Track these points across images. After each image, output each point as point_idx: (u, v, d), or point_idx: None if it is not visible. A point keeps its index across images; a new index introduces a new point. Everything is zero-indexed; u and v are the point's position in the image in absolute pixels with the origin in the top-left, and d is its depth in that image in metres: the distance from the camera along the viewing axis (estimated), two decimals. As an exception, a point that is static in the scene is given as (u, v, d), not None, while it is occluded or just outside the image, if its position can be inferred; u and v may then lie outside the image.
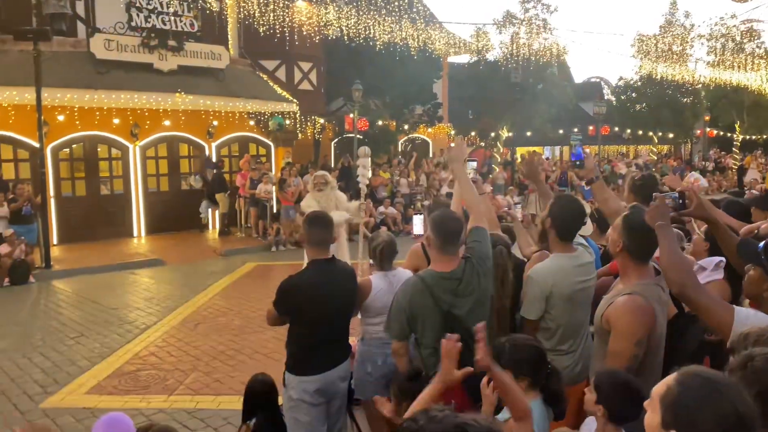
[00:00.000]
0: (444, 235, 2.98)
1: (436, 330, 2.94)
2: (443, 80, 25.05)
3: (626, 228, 2.69)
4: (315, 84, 17.85)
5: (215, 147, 16.20)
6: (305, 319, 3.46)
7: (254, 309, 8.72)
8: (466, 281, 2.97)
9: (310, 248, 3.59)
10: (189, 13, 14.24)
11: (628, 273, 2.74)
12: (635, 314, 2.57)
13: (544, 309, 3.14)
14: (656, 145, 32.81)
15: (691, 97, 30.87)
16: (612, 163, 26.46)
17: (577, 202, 3.38)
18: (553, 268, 3.16)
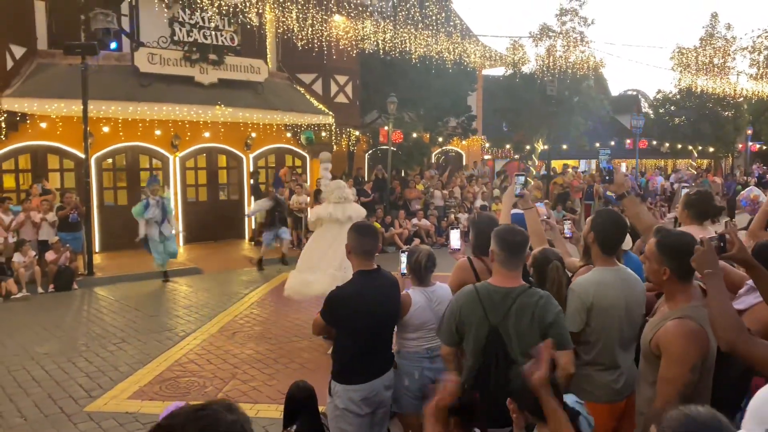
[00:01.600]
0: (509, 249, 3.01)
1: (479, 342, 2.98)
2: (478, 93, 25.04)
3: (664, 252, 2.64)
4: (350, 97, 18.03)
5: (252, 158, 16.47)
6: (352, 328, 3.51)
7: (290, 318, 8.82)
8: (522, 303, 2.95)
9: (355, 258, 3.62)
10: (229, 27, 14.58)
11: (674, 295, 2.68)
12: (689, 339, 2.51)
13: (585, 321, 3.12)
14: (696, 160, 32.11)
15: (732, 110, 30.16)
16: (647, 176, 26.01)
17: (619, 216, 3.37)
18: (594, 281, 3.16)
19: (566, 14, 23.69)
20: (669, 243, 2.65)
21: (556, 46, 23.48)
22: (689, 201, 3.87)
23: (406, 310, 3.79)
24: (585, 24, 23.71)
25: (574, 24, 23.68)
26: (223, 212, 16.01)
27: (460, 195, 19.07)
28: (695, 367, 2.49)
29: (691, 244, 2.56)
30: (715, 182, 25.28)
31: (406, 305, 3.79)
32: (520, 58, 23.75)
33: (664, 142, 30.00)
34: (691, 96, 28.98)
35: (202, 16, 14.09)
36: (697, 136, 29.58)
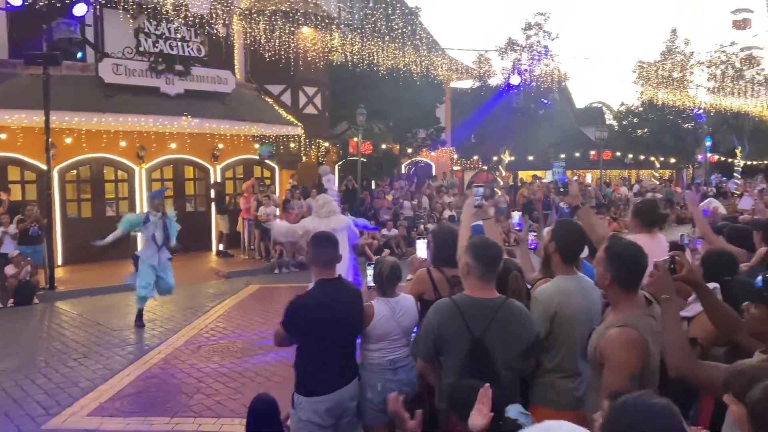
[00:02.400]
0: (485, 262, 3.02)
1: (461, 356, 2.95)
2: (446, 105, 25.32)
3: (610, 259, 2.69)
4: (319, 108, 18.06)
5: (220, 169, 16.36)
6: (314, 338, 3.50)
7: (256, 331, 8.75)
8: (504, 315, 2.98)
9: (315, 267, 3.63)
10: (196, 38, 14.52)
11: (619, 304, 2.73)
12: (629, 347, 2.54)
13: (548, 329, 3.17)
14: (658, 170, 32.95)
15: (692, 122, 31.09)
16: (613, 187, 26.56)
17: (578, 227, 3.46)
18: (558, 289, 3.21)
19: (531, 28, 24.19)
20: (616, 251, 2.70)
21: (521, 60, 23.93)
22: (636, 210, 4.02)
23: (368, 320, 3.80)
24: (549, 38, 24.23)
25: (539, 38, 24.19)
26: (190, 224, 15.70)
27: (429, 206, 19.20)
28: (634, 375, 2.53)
29: (636, 256, 2.64)
30: (678, 192, 25.96)
31: (369, 316, 3.80)
32: (486, 72, 24.13)
33: (628, 153, 30.73)
34: (653, 108, 29.79)
35: (168, 26, 14.02)
36: (659, 147, 30.39)
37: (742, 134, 32.81)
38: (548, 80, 23.91)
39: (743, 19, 40.83)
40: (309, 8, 16.95)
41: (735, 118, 31.66)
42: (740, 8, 41.31)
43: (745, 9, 41.16)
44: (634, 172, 33.87)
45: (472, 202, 4.17)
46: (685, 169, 34.97)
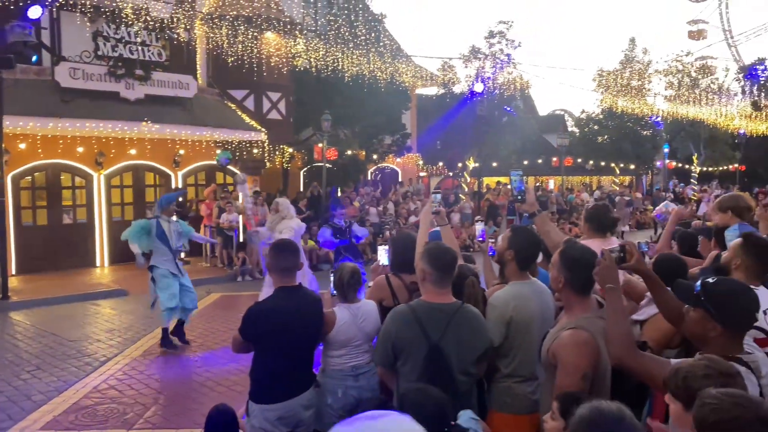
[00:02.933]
0: (440, 268, 3.04)
1: (419, 362, 2.96)
2: (412, 111, 25.46)
3: (564, 263, 2.75)
4: (284, 113, 17.94)
5: (182, 176, 16.10)
6: (270, 346, 3.47)
7: (218, 340, 8.62)
8: (459, 319, 3.00)
9: (275, 275, 3.61)
10: (157, 42, 14.29)
11: (572, 307, 2.79)
12: (580, 349, 2.60)
13: (504, 335, 3.20)
14: (618, 177, 33.71)
15: (650, 130, 31.92)
16: (576, 193, 27.06)
17: (534, 233, 3.51)
18: (513, 294, 3.25)
19: (494, 37, 24.52)
20: (570, 255, 2.76)
21: (485, 67, 24.24)
22: (588, 215, 4.09)
23: (330, 327, 3.79)
24: (512, 46, 24.60)
25: (501, 46, 24.54)
26: (150, 231, 15.51)
27: (395, 212, 19.25)
28: (586, 376, 2.58)
29: (590, 260, 2.69)
30: (638, 198, 26.60)
31: (331, 322, 3.79)
32: (451, 79, 24.37)
33: (589, 159, 31.36)
34: (613, 116, 30.49)
35: (128, 30, 13.77)
36: (619, 154, 31.10)
37: (698, 141, 33.83)
38: (511, 88, 24.27)
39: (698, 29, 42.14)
40: (272, 13, 16.85)
41: (691, 126, 32.62)
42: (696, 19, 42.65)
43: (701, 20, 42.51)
44: (595, 179, 34.60)
45: (430, 209, 4.19)
46: (645, 175, 35.88)
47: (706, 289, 2.36)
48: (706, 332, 2.35)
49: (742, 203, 4.40)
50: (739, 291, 2.38)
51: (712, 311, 2.32)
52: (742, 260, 3.10)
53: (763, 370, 2.32)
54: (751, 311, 2.36)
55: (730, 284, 2.44)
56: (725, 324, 2.30)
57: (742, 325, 2.36)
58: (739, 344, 2.35)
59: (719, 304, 2.31)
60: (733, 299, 2.33)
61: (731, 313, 2.31)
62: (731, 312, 2.31)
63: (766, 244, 3.17)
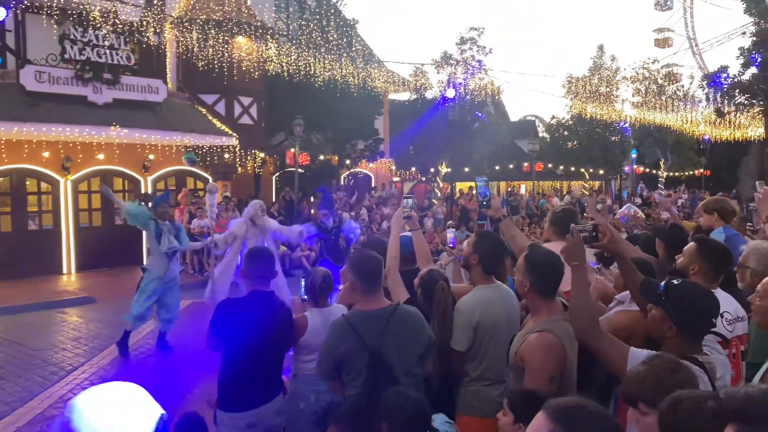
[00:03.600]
0: (365, 277, 3.04)
1: (362, 371, 2.96)
2: (384, 116, 25.54)
3: (529, 267, 2.78)
4: (255, 118, 17.85)
5: (151, 181, 15.88)
6: (238, 351, 3.44)
7: (188, 347, 8.50)
8: (397, 321, 3.01)
9: (249, 283, 3.59)
10: (126, 46, 14.12)
11: (538, 310, 2.82)
12: (547, 351, 2.63)
13: (472, 339, 3.23)
14: (588, 181, 34.26)
15: (618, 135, 32.52)
16: (548, 197, 27.42)
17: (498, 238, 3.55)
18: (479, 299, 3.27)
19: (465, 43, 24.75)
20: (534, 259, 2.80)
21: (456, 73, 24.45)
22: (554, 218, 4.15)
23: (302, 331, 3.78)
24: (483, 53, 24.86)
25: (473, 52, 24.78)
26: (119, 237, 15.24)
27: (368, 217, 19.24)
28: (553, 378, 2.62)
29: (554, 264, 2.74)
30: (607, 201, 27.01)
31: (302, 327, 3.79)
32: (423, 85, 24.52)
33: (559, 164, 31.81)
34: (582, 122, 30.99)
35: (96, 34, 13.57)
36: (588, 159, 31.61)
37: (665, 147, 34.56)
38: (482, 94, 24.51)
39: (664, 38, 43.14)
40: (243, 17, 16.77)
41: (658, 132, 33.31)
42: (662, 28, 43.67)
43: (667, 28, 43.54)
44: (565, 183, 35.13)
45: (402, 213, 4.20)
46: (613, 180, 36.52)
47: (668, 290, 2.43)
48: (664, 331, 2.42)
49: (728, 207, 4.50)
50: (699, 295, 2.43)
51: (670, 312, 2.38)
52: (698, 265, 3.17)
53: (718, 372, 2.38)
54: (709, 316, 2.41)
55: (691, 287, 2.48)
56: (680, 325, 2.36)
57: (697, 328, 2.41)
58: (697, 345, 2.41)
59: (678, 306, 2.37)
60: (691, 302, 2.38)
61: (688, 316, 2.36)
62: (688, 314, 2.36)
63: (721, 248, 3.25)
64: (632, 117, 30.79)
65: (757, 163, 33.39)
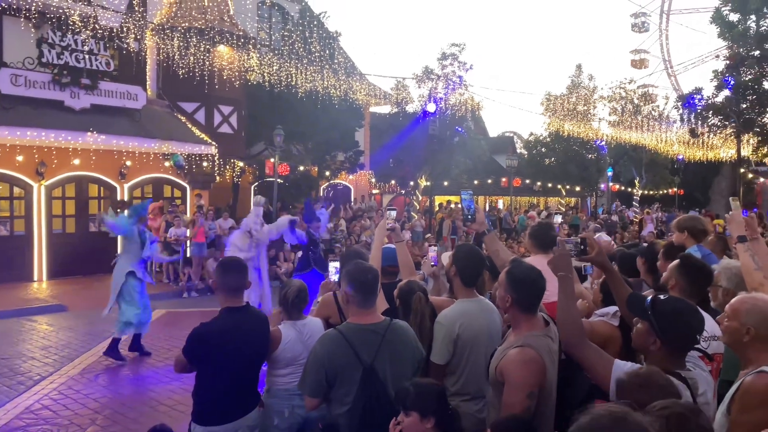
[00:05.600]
0: (363, 288, 2.97)
1: (353, 387, 2.88)
2: (365, 129, 25.60)
3: (510, 282, 2.78)
4: (235, 127, 17.75)
5: (128, 188, 15.67)
6: (215, 367, 3.38)
7: (161, 358, 8.37)
8: (391, 337, 2.96)
9: (222, 294, 3.52)
10: (105, 52, 13.98)
11: (519, 325, 2.81)
12: (527, 366, 2.62)
13: (452, 353, 3.21)
14: (564, 198, 34.67)
15: (595, 153, 33.02)
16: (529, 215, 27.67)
17: (477, 250, 3.55)
18: (459, 312, 3.26)
19: (447, 58, 24.97)
20: (515, 273, 2.80)
21: (437, 88, 24.63)
22: (532, 232, 4.20)
23: (276, 345, 3.73)
24: (464, 69, 25.10)
25: (454, 68, 25.00)
26: (93, 245, 14.98)
27: (346, 229, 19.20)
28: (532, 393, 2.61)
29: (535, 279, 2.75)
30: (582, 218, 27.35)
31: (276, 340, 3.73)
32: (404, 98, 24.66)
33: (537, 180, 32.14)
34: (560, 139, 31.41)
35: (75, 38, 13.42)
36: (565, 176, 32.00)
37: (640, 166, 35.15)
38: (462, 109, 24.71)
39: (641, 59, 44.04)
40: (225, 27, 16.73)
41: (634, 151, 33.88)
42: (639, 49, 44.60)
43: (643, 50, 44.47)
44: (542, 199, 35.50)
45: (385, 225, 4.19)
46: (589, 197, 37.00)
47: (654, 305, 2.46)
48: (648, 345, 2.44)
49: (699, 226, 4.56)
50: (685, 311, 2.45)
51: (655, 326, 2.40)
52: (677, 281, 3.21)
53: (700, 388, 2.40)
54: (693, 332, 2.44)
55: (678, 303, 2.51)
56: (665, 340, 2.39)
57: (681, 344, 2.44)
58: (680, 361, 2.43)
59: (663, 321, 2.40)
60: (677, 318, 2.41)
61: (673, 331, 2.39)
62: (673, 330, 2.39)
63: (701, 266, 3.29)
64: (608, 135, 31.29)
65: (728, 182, 34.10)
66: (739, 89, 21.08)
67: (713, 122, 23.92)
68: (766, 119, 21.50)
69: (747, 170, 27.63)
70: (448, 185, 27.17)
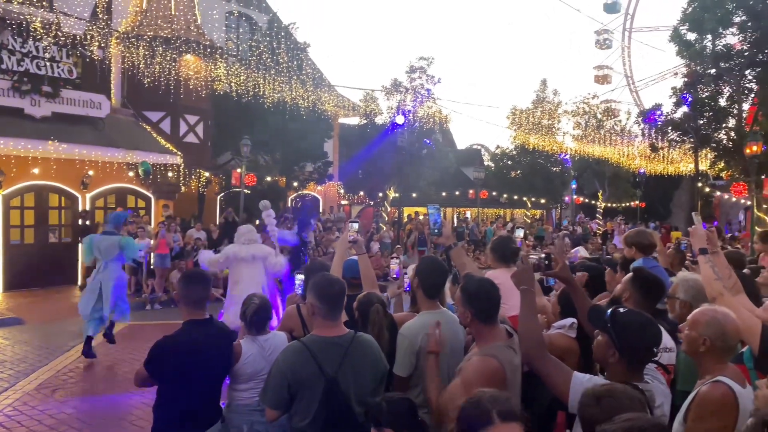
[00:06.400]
0: (329, 300, 2.96)
1: (316, 399, 2.86)
2: (334, 140, 25.61)
3: (466, 298, 2.82)
4: (201, 137, 17.58)
5: (90, 198, 15.35)
6: (177, 381, 3.33)
7: (121, 372, 8.19)
8: (355, 350, 2.96)
9: (185, 308, 3.47)
10: (68, 59, 13.74)
11: (482, 337, 2.84)
12: (487, 376, 2.63)
13: (414, 365, 3.22)
14: (530, 210, 35.18)
15: (559, 166, 33.65)
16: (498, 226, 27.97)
17: (439, 262, 3.59)
18: (422, 324, 3.26)
19: (415, 71, 25.21)
20: (469, 288, 2.84)
21: (406, 101, 24.83)
22: (493, 246, 4.28)
23: (236, 359, 3.69)
24: (432, 82, 25.37)
25: (422, 81, 25.25)
26: (53, 256, 14.64)
27: (314, 240, 19.12)
28: None
29: (489, 291, 2.79)
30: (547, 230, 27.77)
31: (236, 355, 3.69)
32: (373, 110, 24.78)
33: (503, 193, 32.56)
34: (525, 152, 31.92)
35: (36, 45, 13.15)
36: (531, 188, 32.50)
37: (603, 179, 35.90)
38: (431, 122, 24.95)
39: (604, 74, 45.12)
40: (192, 36, 16.60)
41: (597, 164, 34.60)
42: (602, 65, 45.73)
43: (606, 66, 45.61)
44: (509, 211, 35.94)
45: (347, 237, 4.20)
46: (554, 209, 37.62)
47: (614, 318, 2.51)
48: (607, 357, 2.49)
49: (645, 240, 4.70)
50: (644, 324, 2.51)
51: (614, 339, 2.45)
52: (631, 294, 3.30)
53: (657, 400, 2.47)
54: (650, 346, 2.50)
55: (636, 317, 2.55)
56: (623, 353, 2.44)
57: (639, 357, 2.49)
58: (638, 373, 2.48)
59: (622, 334, 2.45)
60: (635, 331, 2.46)
61: (631, 344, 2.44)
62: (631, 343, 2.44)
63: (653, 279, 3.39)
64: (572, 149, 31.92)
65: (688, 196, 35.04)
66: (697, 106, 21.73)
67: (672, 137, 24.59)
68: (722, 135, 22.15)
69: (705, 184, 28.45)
70: (417, 197, 27.31)
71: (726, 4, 19.71)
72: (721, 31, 20.39)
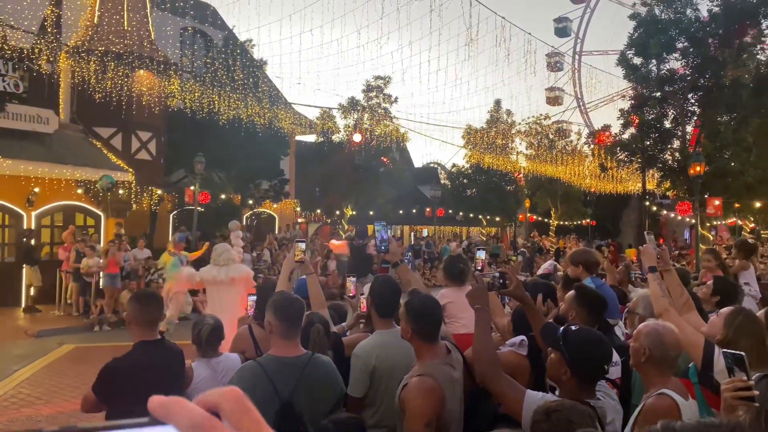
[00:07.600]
0: (288, 318, 2.92)
1: (269, 421, 2.78)
2: (291, 157, 25.51)
3: (409, 313, 2.83)
4: (154, 154, 17.25)
5: (35, 216, 14.82)
6: (128, 405, 3.21)
7: (68, 397, 7.87)
8: (311, 372, 2.92)
9: (136, 328, 3.37)
10: (14, 73, 13.33)
11: (421, 354, 2.84)
12: (425, 395, 2.63)
13: (368, 386, 3.20)
14: (485, 228, 35.71)
15: (513, 185, 34.34)
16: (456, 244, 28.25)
17: (393, 281, 3.59)
18: (376, 344, 3.27)
19: (372, 90, 25.44)
20: (412, 305, 2.85)
21: (363, 119, 25.00)
22: (444, 265, 4.35)
23: (187, 383, 3.60)
24: (389, 101, 25.63)
25: (379, 100, 25.49)
26: (-5, 276, 14.04)
27: (270, 258, 18.90)
28: (430, 422, 2.63)
29: (432, 308, 2.82)
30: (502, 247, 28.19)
31: (187, 379, 3.61)
32: (330, 128, 24.85)
33: (459, 210, 32.98)
34: (480, 171, 32.46)
35: (-19, 58, 12.73)
36: (486, 206, 33.04)
37: (555, 198, 36.79)
38: (388, 140, 25.16)
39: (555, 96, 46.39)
40: (145, 51, 16.36)
41: (549, 183, 35.45)
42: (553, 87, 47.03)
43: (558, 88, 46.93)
44: (464, 229, 36.38)
45: (293, 257, 4.16)
46: (509, 227, 38.27)
47: (566, 335, 2.54)
48: (560, 375, 2.53)
49: (591, 259, 4.84)
50: (594, 342, 2.55)
51: (566, 356, 2.49)
52: (576, 311, 3.38)
53: (608, 416, 2.52)
54: (601, 363, 2.54)
55: (587, 335, 2.60)
56: (574, 370, 2.48)
57: (590, 374, 2.53)
58: (589, 390, 2.52)
59: (573, 351, 2.49)
60: (586, 349, 2.50)
61: (582, 362, 2.48)
62: (582, 360, 2.48)
63: (595, 296, 3.49)
64: (526, 168, 32.65)
65: (636, 214, 36.16)
66: (643, 127, 22.55)
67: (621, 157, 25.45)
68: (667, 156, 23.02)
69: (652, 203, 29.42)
70: (374, 214, 27.40)
71: (669, 30, 20.61)
72: (665, 56, 21.28)
